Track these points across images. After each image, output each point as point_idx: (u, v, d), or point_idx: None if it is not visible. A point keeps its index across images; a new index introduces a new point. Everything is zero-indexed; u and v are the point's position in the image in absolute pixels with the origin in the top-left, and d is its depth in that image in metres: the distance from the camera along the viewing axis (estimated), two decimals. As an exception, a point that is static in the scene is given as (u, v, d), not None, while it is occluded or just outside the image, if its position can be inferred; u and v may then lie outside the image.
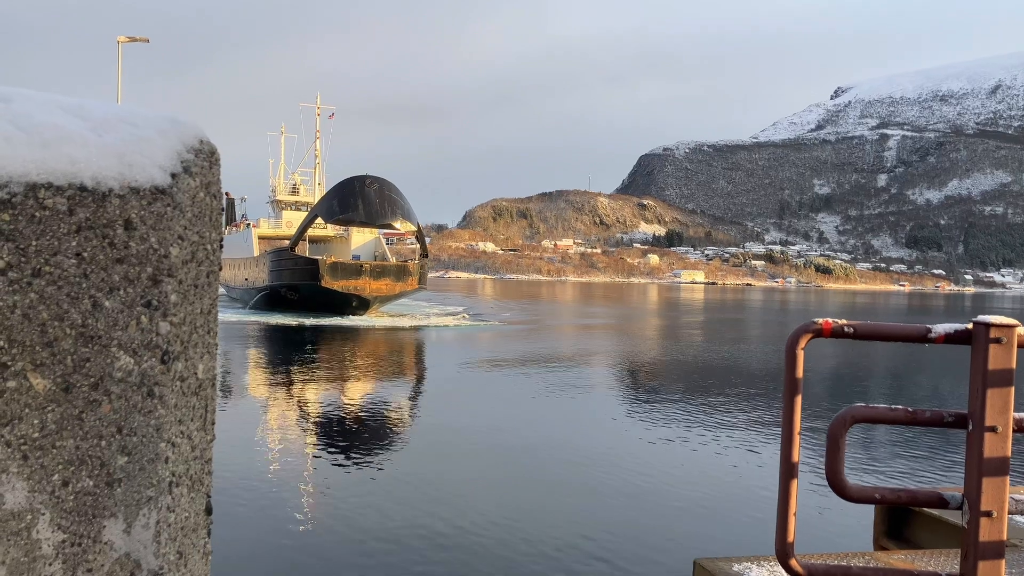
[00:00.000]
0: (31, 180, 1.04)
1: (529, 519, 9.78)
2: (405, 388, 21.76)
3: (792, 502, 2.94)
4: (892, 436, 15.26)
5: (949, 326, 2.94)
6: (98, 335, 1.08)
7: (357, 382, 21.95)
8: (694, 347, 35.75)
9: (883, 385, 25.86)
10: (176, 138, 1.19)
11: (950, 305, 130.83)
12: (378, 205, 47.35)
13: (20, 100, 1.10)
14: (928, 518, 4.77)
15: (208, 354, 1.22)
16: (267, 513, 9.74)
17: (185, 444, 1.18)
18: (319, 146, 67.11)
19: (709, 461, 13.27)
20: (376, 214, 47.47)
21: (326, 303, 47.74)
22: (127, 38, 35.20)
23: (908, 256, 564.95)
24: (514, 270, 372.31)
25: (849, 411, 2.95)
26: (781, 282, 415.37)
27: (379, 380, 22.51)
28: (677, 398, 20.30)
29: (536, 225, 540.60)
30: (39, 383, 1.04)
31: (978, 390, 2.85)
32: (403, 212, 48.95)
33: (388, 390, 20.79)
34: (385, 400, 19.05)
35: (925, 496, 3.05)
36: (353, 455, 12.98)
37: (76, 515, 1.06)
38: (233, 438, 13.65)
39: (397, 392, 20.73)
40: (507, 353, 30.59)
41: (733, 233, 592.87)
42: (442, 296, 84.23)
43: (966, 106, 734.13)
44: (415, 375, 24.83)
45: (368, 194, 47.17)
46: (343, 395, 19.45)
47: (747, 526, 9.81)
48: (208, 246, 1.21)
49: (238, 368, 24.25)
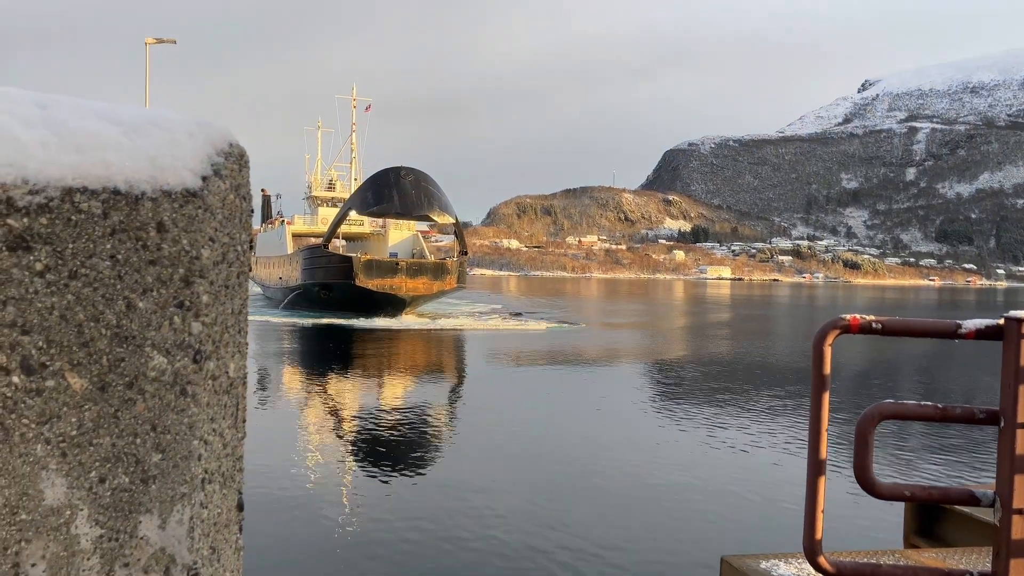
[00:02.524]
0: (67, 184, 1.06)
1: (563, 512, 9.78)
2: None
3: (820, 499, 2.92)
4: (923, 433, 15.08)
5: (979, 321, 2.90)
6: (132, 335, 1.10)
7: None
8: (745, 345, 35.54)
9: (913, 381, 25.54)
10: (206, 141, 1.21)
11: (981, 300, 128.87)
12: (414, 196, 44.95)
13: (55, 107, 1.13)
14: (959, 516, 4.71)
15: (239, 353, 1.24)
16: (302, 513, 9.83)
17: (217, 441, 1.20)
18: (355, 139, 64.99)
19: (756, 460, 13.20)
20: (413, 205, 45.04)
21: (361, 303, 45.45)
22: (154, 39, 35.55)
23: (938, 251, 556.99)
24: (538, 267, 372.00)
25: (878, 407, 2.92)
26: (808, 277, 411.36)
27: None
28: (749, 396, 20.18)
29: (560, 222, 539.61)
30: (76, 382, 1.06)
31: (1010, 386, 2.81)
32: (440, 204, 46.47)
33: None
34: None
35: (956, 493, 3.02)
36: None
37: (113, 511, 1.09)
38: (295, 448, 13.77)
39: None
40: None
41: (760, 228, 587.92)
42: (476, 294, 79.50)
43: (997, 98, 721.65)
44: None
45: (404, 185, 44.84)
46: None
47: (779, 523, 9.75)
48: (238, 247, 1.23)
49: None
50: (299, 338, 33.74)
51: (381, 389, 20.57)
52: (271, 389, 20.12)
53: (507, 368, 25.51)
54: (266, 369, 23.77)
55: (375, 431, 14.82)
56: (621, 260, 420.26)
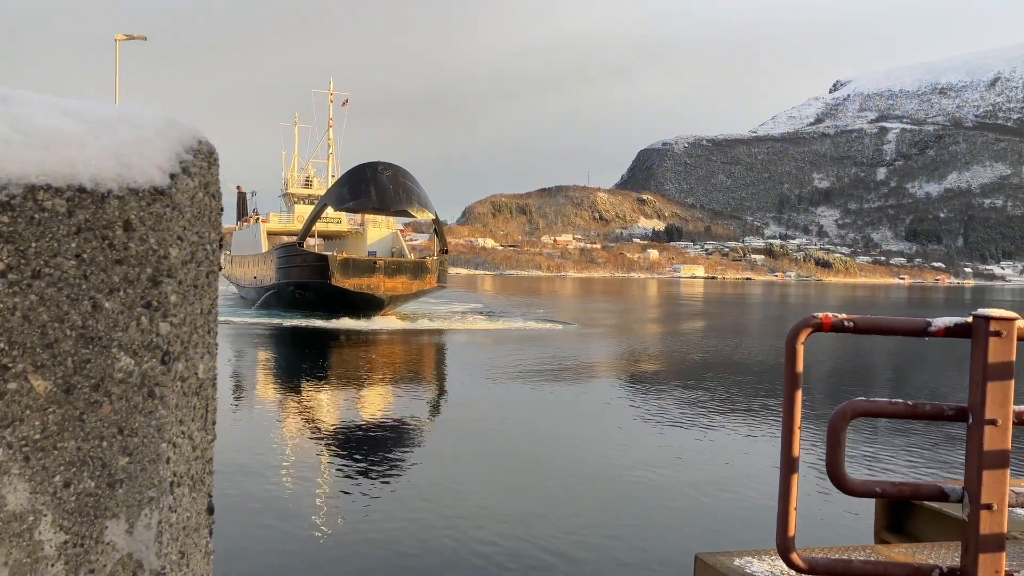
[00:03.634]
0: (30, 182, 1.04)
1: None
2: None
3: (793, 496, 2.95)
4: (893, 430, 15.28)
5: (949, 319, 2.94)
6: (98, 336, 1.08)
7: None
8: (720, 342, 35.79)
9: (885, 378, 25.88)
10: (174, 139, 1.19)
11: (950, 298, 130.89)
12: (392, 191, 43.78)
13: (18, 102, 1.10)
14: (929, 511, 4.78)
15: (208, 354, 1.22)
16: (280, 518, 9.76)
17: (186, 444, 1.18)
18: (332, 135, 62.92)
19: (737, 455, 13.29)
20: (391, 200, 43.77)
21: (337, 303, 43.84)
22: (125, 36, 35.09)
23: (908, 249, 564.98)
24: (514, 266, 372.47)
25: (850, 405, 2.95)
26: (781, 276, 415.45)
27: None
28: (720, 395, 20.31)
29: (535, 221, 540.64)
30: (40, 385, 1.04)
31: (978, 383, 2.85)
32: (419, 200, 45.21)
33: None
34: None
35: (926, 489, 3.05)
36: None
37: (78, 516, 1.06)
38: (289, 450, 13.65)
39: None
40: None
41: (733, 227, 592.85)
42: (453, 293, 77.28)
43: (965, 99, 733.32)
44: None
45: (381, 180, 43.64)
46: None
47: (749, 520, 9.83)
48: (208, 246, 1.21)
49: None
50: (252, 343, 31.79)
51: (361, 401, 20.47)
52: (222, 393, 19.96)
53: (510, 372, 25.51)
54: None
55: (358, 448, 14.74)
56: (596, 259, 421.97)
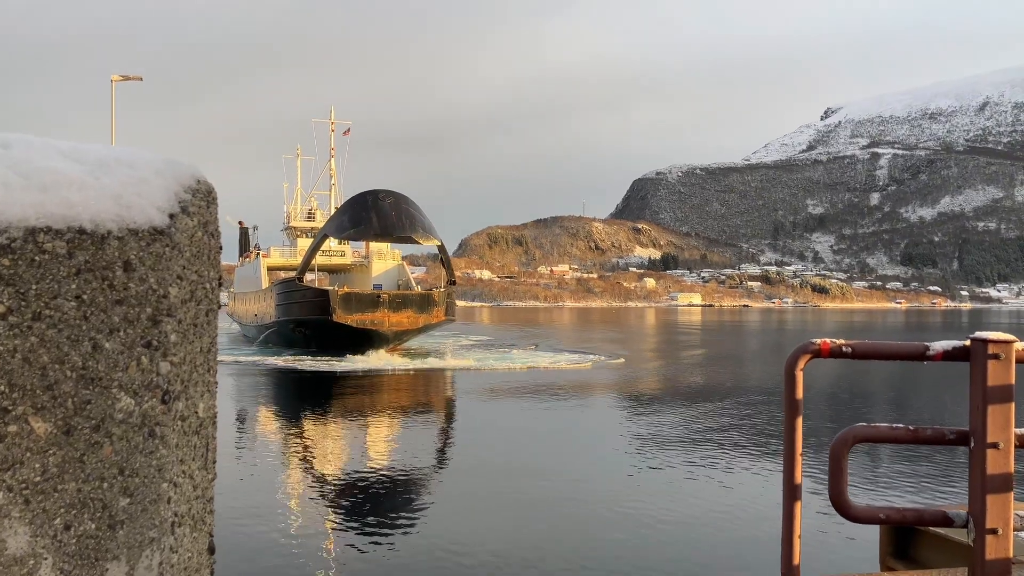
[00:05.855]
0: (30, 225, 1.04)
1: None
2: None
3: (796, 524, 2.93)
4: (896, 455, 15.19)
5: (947, 343, 2.95)
6: (99, 377, 1.08)
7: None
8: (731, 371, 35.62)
9: (886, 403, 25.79)
10: (173, 178, 1.20)
11: (948, 321, 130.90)
12: (394, 217, 41.72)
13: (18, 146, 1.11)
14: (934, 537, 4.73)
15: (208, 393, 1.22)
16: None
17: (187, 484, 1.18)
18: (334, 164, 61.21)
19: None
20: (392, 226, 41.61)
21: (339, 340, 41.33)
22: (121, 76, 35.37)
23: (903, 273, 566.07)
24: (511, 297, 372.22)
25: (851, 431, 2.94)
26: (778, 303, 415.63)
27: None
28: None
29: (532, 252, 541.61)
30: (40, 426, 1.04)
31: (978, 407, 2.84)
32: (423, 226, 43.11)
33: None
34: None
35: (930, 515, 3.04)
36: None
37: (79, 559, 1.06)
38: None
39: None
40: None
41: (728, 255, 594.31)
42: (456, 326, 74.31)
43: (955, 123, 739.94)
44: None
45: (382, 206, 41.74)
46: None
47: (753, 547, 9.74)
48: (207, 285, 1.22)
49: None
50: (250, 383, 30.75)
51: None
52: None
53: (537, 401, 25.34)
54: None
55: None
56: (593, 289, 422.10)
